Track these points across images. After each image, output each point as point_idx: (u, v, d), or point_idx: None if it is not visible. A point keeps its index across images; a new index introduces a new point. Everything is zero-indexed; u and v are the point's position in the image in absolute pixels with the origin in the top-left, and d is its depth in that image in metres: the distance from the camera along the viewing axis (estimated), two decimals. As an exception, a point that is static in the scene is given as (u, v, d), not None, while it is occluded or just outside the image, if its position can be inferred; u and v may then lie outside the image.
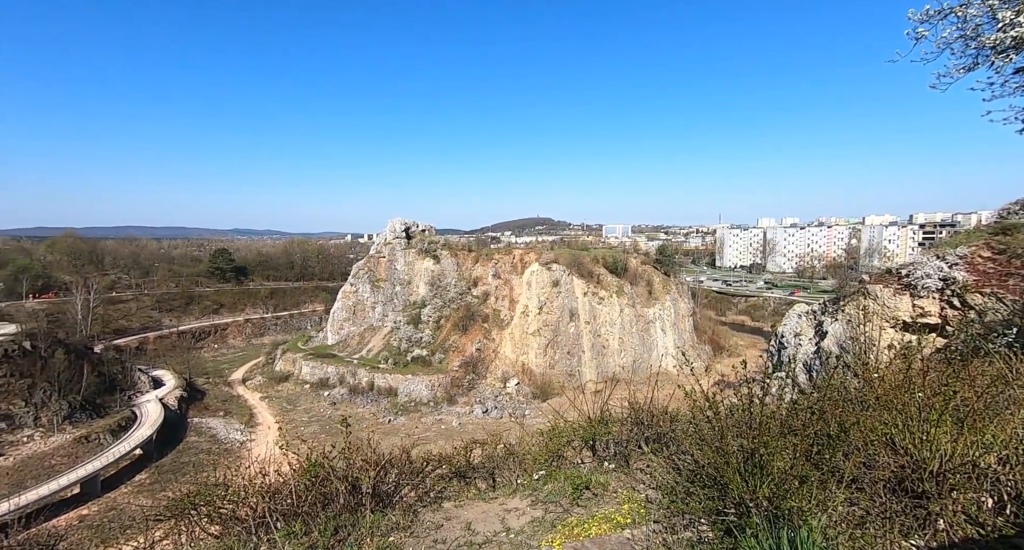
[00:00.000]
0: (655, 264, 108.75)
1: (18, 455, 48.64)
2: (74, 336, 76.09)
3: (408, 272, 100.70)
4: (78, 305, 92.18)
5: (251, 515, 5.76)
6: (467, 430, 63.46)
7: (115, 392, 66.17)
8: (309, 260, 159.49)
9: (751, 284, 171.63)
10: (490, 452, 9.65)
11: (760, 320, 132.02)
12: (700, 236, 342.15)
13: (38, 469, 46.83)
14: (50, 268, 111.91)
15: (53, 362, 58.70)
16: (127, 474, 51.60)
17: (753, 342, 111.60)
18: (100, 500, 46.28)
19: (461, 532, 5.44)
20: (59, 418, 54.91)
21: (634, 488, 5.86)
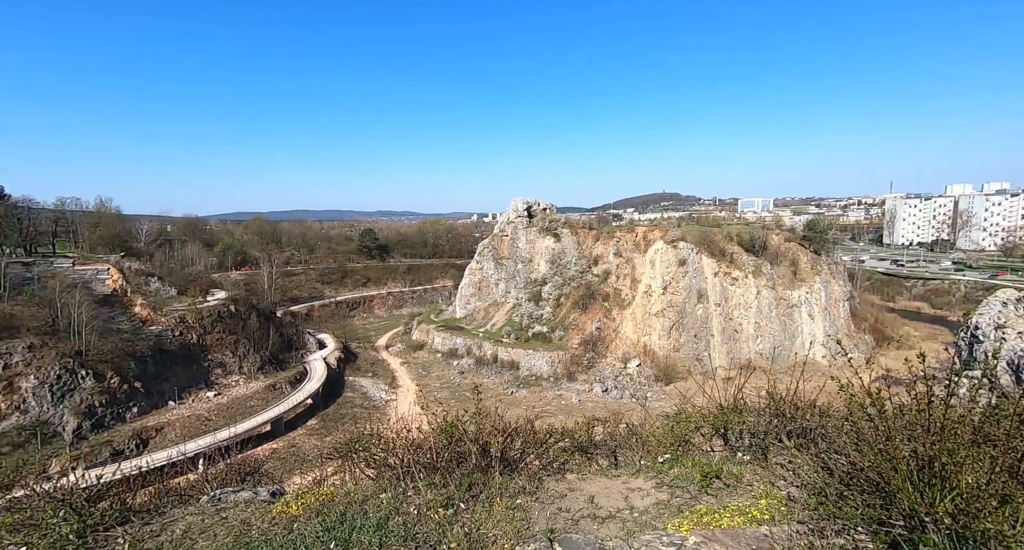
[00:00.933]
0: (802, 241, 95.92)
1: (230, 395, 61.54)
2: (262, 302, 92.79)
3: (529, 250, 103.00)
4: (265, 276, 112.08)
5: (399, 464, 6.58)
6: (586, 407, 63.98)
7: (291, 350, 79.70)
8: (440, 239, 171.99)
9: (932, 264, 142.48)
10: (612, 430, 9.65)
11: (944, 308, 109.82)
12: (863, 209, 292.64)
13: (242, 408, 58.79)
14: (245, 246, 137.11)
15: (249, 323, 72.59)
16: (301, 419, 62.16)
17: (932, 333, 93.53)
18: (284, 438, 56.65)
19: (584, 504, 5.58)
20: (255, 368, 68.05)
21: (773, 483, 5.41)
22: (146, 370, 56.02)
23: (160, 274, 77.31)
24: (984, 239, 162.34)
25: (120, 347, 54.55)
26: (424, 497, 5.57)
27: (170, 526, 5.17)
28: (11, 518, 4.96)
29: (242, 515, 5.34)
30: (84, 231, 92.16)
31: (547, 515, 5.38)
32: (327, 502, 5.49)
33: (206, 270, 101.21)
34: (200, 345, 64.53)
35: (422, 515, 5.25)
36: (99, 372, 51.14)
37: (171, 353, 60.12)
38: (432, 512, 5.29)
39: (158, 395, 56.01)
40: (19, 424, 45.25)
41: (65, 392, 48.45)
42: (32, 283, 58.25)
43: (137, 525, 5.19)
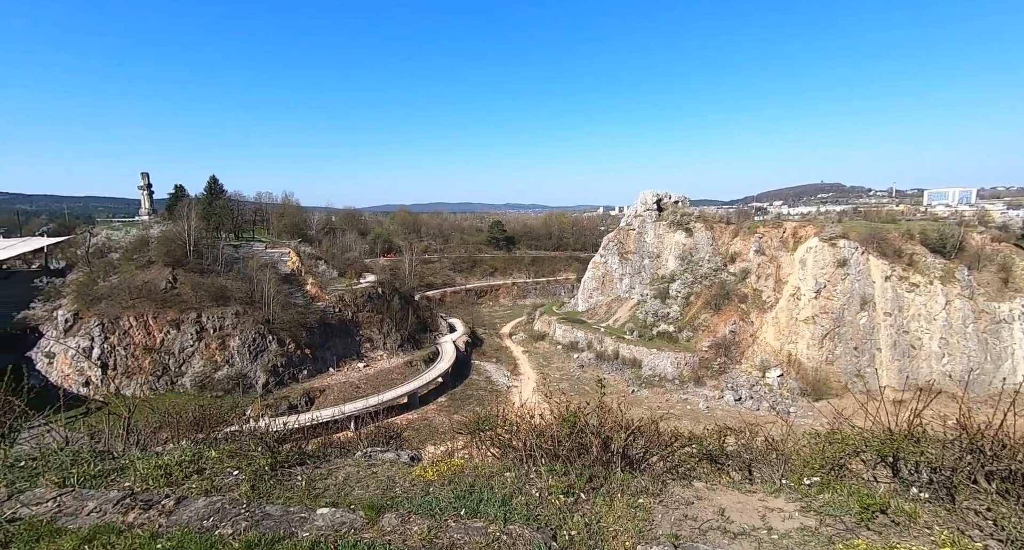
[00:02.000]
0: (1019, 242, 76.24)
1: (375, 367, 69.79)
2: (403, 287, 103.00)
3: (657, 245, 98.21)
4: (406, 263, 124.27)
5: (522, 447, 6.87)
6: (715, 415, 59.34)
7: (426, 331, 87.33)
8: (564, 232, 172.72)
9: None
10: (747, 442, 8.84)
11: None
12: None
13: (385, 380, 66.28)
14: (391, 235, 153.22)
15: (392, 304, 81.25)
16: (433, 395, 67.94)
17: None
18: (417, 411, 62.58)
19: (714, 515, 5.24)
20: (395, 345, 76.08)
21: (963, 531, 4.47)
22: (314, 339, 66.17)
23: (326, 258, 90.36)
24: None
25: (296, 319, 65.22)
26: (546, 482, 5.75)
27: (334, 472, 6.11)
28: (229, 447, 6.36)
29: (388, 472, 6.08)
30: (273, 220, 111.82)
31: (671, 519, 5.17)
32: (458, 473, 5.98)
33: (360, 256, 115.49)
34: (354, 321, 74.14)
35: (543, 499, 5.43)
36: (281, 338, 61.86)
37: (332, 326, 70.09)
38: (553, 497, 5.45)
39: (322, 362, 65.84)
40: (228, 374, 57.00)
41: (258, 352, 59.62)
42: (238, 262, 72.39)
43: (310, 467, 6.24)
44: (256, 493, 5.28)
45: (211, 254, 68.87)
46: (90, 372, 52.96)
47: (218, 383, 55.85)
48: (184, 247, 66.36)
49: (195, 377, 55.58)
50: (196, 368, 56.23)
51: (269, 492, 5.35)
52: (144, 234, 71.98)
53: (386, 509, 5.01)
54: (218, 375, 56.49)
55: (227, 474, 5.67)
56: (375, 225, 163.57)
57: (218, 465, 5.83)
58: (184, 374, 55.69)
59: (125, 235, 75.17)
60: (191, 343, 57.14)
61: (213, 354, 57.43)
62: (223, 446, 6.41)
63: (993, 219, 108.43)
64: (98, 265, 64.80)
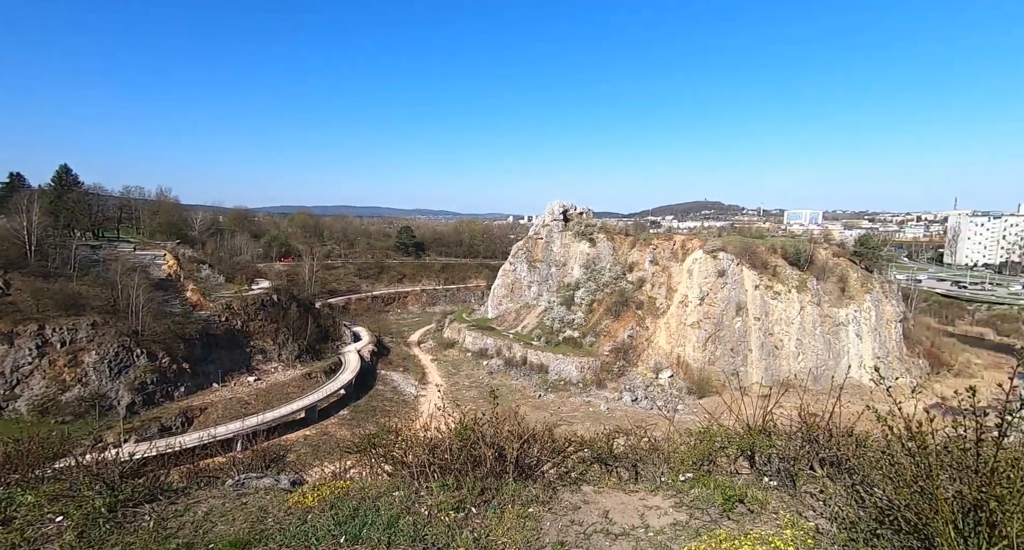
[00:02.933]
0: (852, 257, 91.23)
1: (268, 381, 64.10)
2: (303, 293, 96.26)
3: (564, 254, 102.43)
4: (306, 268, 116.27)
5: (415, 462, 6.62)
6: (614, 416, 62.90)
7: (327, 341, 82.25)
8: (475, 239, 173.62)
9: (1000, 288, 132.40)
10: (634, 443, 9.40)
11: (1012, 335, 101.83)
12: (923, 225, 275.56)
13: (279, 394, 61.11)
14: (289, 238, 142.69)
15: (290, 313, 75.44)
16: (335, 408, 63.98)
17: (996, 361, 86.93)
18: (316, 425, 58.47)
19: (598, 518, 5.44)
20: (292, 357, 70.61)
21: (800, 513, 5.10)
22: (194, 352, 59.10)
23: (211, 262, 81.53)
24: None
25: (172, 329, 57.82)
26: (436, 498, 5.57)
27: (194, 507, 5.38)
28: (52, 488, 5.31)
29: (261, 502, 5.50)
30: (145, 218, 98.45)
31: (559, 527, 5.27)
32: (342, 496, 5.58)
33: (252, 260, 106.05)
34: (243, 331, 67.56)
35: (433, 516, 5.26)
36: (152, 352, 54.37)
37: (217, 337, 63.19)
38: (443, 514, 5.29)
39: (203, 376, 58.96)
40: (80, 396, 48.69)
41: (122, 368, 51.77)
42: (98, 265, 62.56)
43: (164, 503, 5.43)
44: (84, 542, 4.44)
45: (59, 255, 58.81)
46: None
47: (66, 406, 47.50)
48: (22, 247, 55.93)
49: (33, 400, 46.74)
50: (36, 390, 47.35)
51: (103, 539, 4.53)
52: (-34, 229, 59.46)
53: (252, 545, 4.50)
54: (66, 397, 48.07)
55: (46, 522, 4.71)
56: (271, 227, 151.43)
57: (34, 512, 4.82)
58: (18, 397, 46.59)
59: (-61, 230, 61.43)
60: (29, 360, 48.06)
61: (60, 372, 48.80)
62: (45, 487, 5.34)
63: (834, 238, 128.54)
64: None
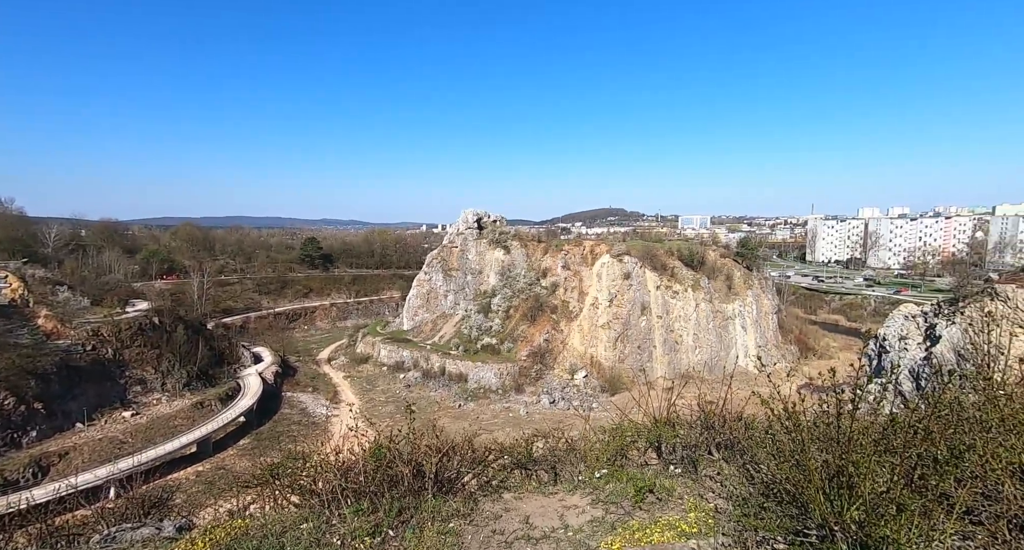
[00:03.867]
0: (736, 257, 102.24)
1: (150, 415, 56.36)
2: (191, 314, 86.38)
3: (479, 262, 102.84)
4: (195, 286, 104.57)
5: (325, 489, 6.17)
6: (534, 419, 64.08)
7: (223, 365, 74.43)
8: (387, 249, 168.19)
9: (848, 281, 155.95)
10: (553, 445, 9.62)
11: (857, 321, 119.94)
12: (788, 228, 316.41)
13: (164, 428, 53.99)
14: (173, 253, 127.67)
15: (175, 336, 67.13)
16: (233, 438, 57.94)
17: (848, 344, 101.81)
18: (212, 459, 52.49)
19: (519, 525, 5.46)
20: (180, 385, 62.82)
21: (702, 496, 5.53)
22: (49, 389, 50.26)
23: (71, 283, 70.24)
24: (889, 258, 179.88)
25: (18, 364, 48.71)
26: (350, 526, 5.23)
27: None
28: None
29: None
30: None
31: (480, 539, 5.21)
32: (240, 537, 5.03)
33: (126, 279, 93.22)
34: (116, 360, 58.90)
35: (346, 545, 4.93)
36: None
37: (81, 369, 54.39)
38: (358, 542, 4.98)
39: (63, 416, 50.33)
40: None
41: (-54, 416, 42.50)
42: (-90, 291, 51.09)
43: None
44: None
45: None
46: None
47: None
48: None
49: None
50: None
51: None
52: None
53: (127, 610, 3.87)
54: None
55: None
56: (149, 241, 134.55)
57: None
58: None
59: None
60: None
61: None
62: None
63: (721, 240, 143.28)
64: None
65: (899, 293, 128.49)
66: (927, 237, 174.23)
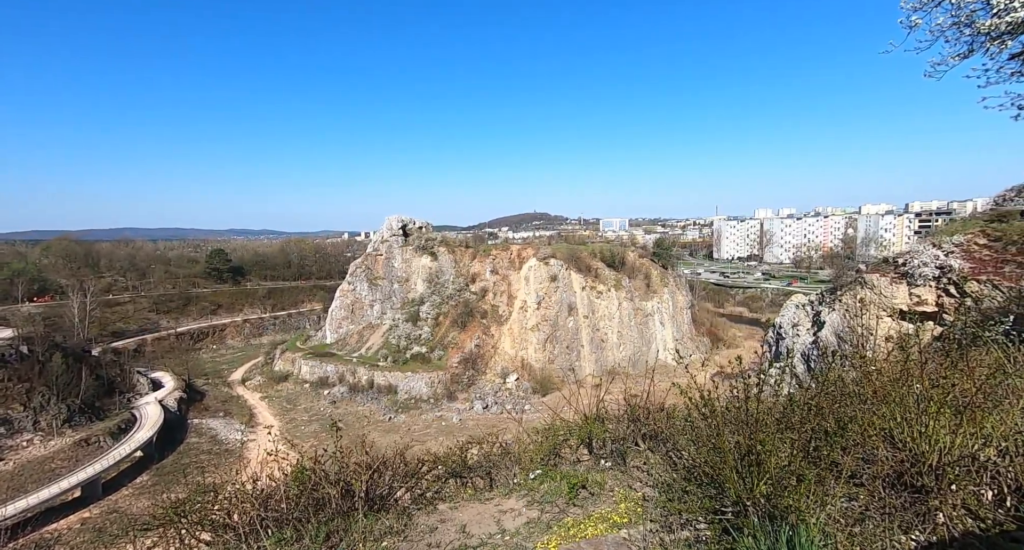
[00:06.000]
0: (653, 257, 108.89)
1: (18, 459, 48.54)
2: (71, 339, 75.69)
3: (406, 269, 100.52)
4: (75, 308, 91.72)
5: (242, 522, 5.66)
6: (467, 426, 63.59)
7: (114, 395, 66.03)
8: (306, 259, 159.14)
9: (749, 276, 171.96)
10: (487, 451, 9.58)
11: (758, 311, 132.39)
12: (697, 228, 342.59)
13: (38, 473, 46.75)
14: (45, 271, 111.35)
15: (51, 366, 58.45)
16: (128, 476, 51.59)
17: (751, 333, 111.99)
18: (102, 503, 46.28)
19: (456, 535, 5.36)
20: (58, 422, 54.77)
21: (631, 487, 5.79)
22: None
23: (-93, 309, 58.72)
24: (782, 254, 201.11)
25: None
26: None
27: None
28: None
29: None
30: None
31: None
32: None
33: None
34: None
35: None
36: None
37: (-77, 413, 45.62)
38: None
39: (-100, 472, 41.87)
40: None
41: None
42: None
43: None
44: None
45: None
46: None
47: None
48: None
49: None
50: None
51: None
52: None
53: None
54: None
55: None
56: (13, 258, 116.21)
57: None
58: None
59: None
60: None
61: None
62: None
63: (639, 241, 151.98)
64: None
65: (791, 285, 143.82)
66: (811, 234, 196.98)
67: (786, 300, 27.97)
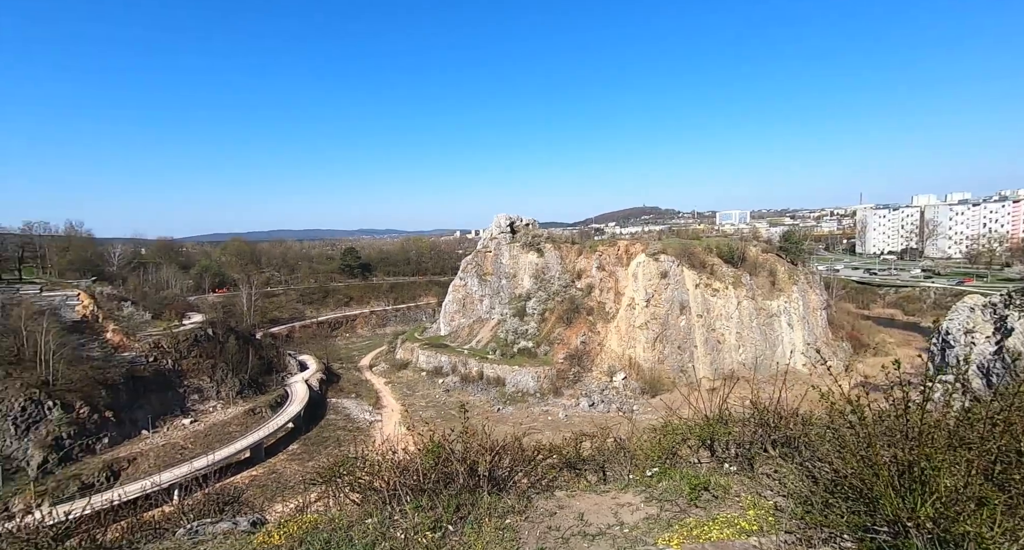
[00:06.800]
0: (779, 252, 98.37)
1: (207, 421, 59.50)
2: (241, 325, 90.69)
3: (513, 266, 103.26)
4: (244, 298, 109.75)
5: (385, 487, 6.42)
6: (573, 422, 63.60)
7: (272, 373, 77.75)
8: (423, 256, 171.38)
9: (903, 273, 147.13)
10: (599, 445, 9.61)
11: (916, 314, 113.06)
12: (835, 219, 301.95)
13: (220, 434, 56.85)
14: (223, 267, 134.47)
15: (228, 346, 70.69)
16: (282, 444, 60.34)
17: (907, 339, 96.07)
18: (264, 464, 54.84)
19: (574, 521, 5.52)
20: (233, 393, 66.07)
21: (759, 494, 5.44)
22: (118, 398, 53.89)
23: (134, 298, 75.13)
24: (950, 247, 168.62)
25: (90, 375, 52.50)
26: (411, 521, 5.44)
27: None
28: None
29: (222, 547, 5.14)
30: (53, 256, 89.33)
31: (537, 534, 5.30)
32: (311, 530, 5.33)
33: (182, 293, 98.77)
34: (176, 370, 62.52)
35: (410, 539, 5.13)
36: (67, 402, 49.00)
37: (145, 380, 58.05)
38: (420, 536, 5.17)
39: (131, 424, 53.84)
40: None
41: (30, 425, 46.24)
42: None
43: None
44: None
45: (-49, 301, 52.14)
46: None
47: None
48: (-97, 294, 49.07)
49: (-77, 470, 40.70)
50: (-75, 457, 41.28)
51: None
52: None
53: (217, 595, 4.19)
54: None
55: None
56: (201, 257, 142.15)
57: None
58: (-97, 469, 40.40)
59: None
60: (-84, 424, 41.90)
61: (-45, 435, 42.86)
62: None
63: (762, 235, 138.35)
64: None
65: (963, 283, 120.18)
66: (992, 223, 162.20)
67: (956, 302, 23.47)
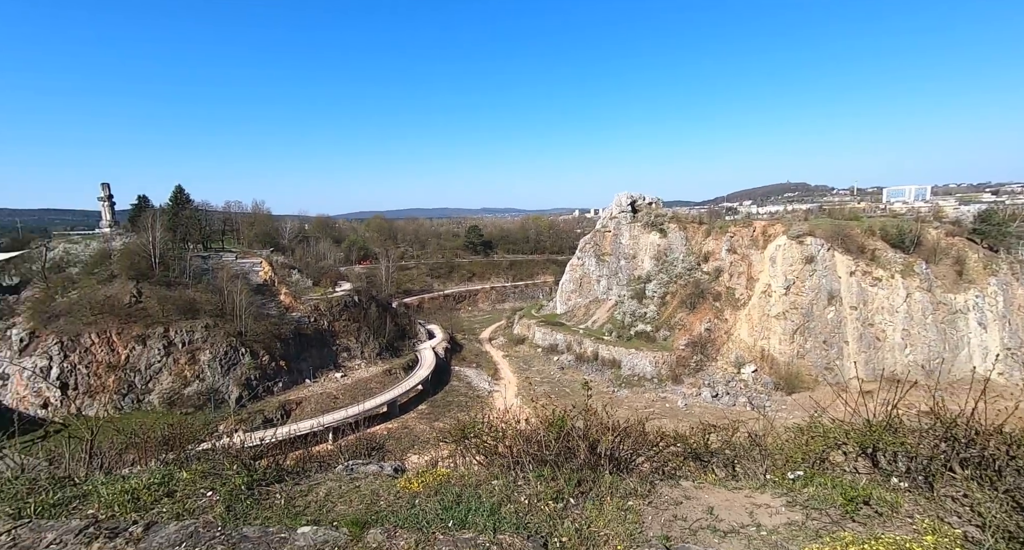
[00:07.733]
0: (971, 235, 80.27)
1: (353, 377, 68.46)
2: (380, 294, 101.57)
3: (633, 246, 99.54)
4: (383, 270, 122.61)
5: (509, 453, 6.75)
6: (694, 412, 60.34)
7: (404, 339, 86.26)
8: (541, 235, 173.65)
9: None
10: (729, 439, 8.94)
11: None
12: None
13: (364, 389, 65.08)
14: (367, 242, 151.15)
15: (370, 312, 79.97)
16: (413, 403, 67.03)
17: None
18: (397, 419, 61.63)
19: (703, 514, 5.24)
20: (374, 354, 74.85)
21: (942, 518, 4.58)
22: (288, 351, 64.51)
23: (299, 267, 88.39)
24: None
25: (269, 330, 63.49)
26: (534, 488, 5.65)
27: (314, 488, 5.88)
28: (201, 467, 6.05)
29: (372, 486, 5.88)
30: (243, 229, 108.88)
31: (661, 521, 5.14)
32: (444, 483, 5.83)
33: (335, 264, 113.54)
34: (330, 331, 72.63)
35: (532, 506, 5.34)
36: (254, 351, 60.06)
37: (307, 337, 68.49)
38: (542, 504, 5.35)
39: (297, 373, 64.21)
40: (198, 390, 55.00)
41: (230, 366, 57.73)
42: (208, 274, 70.07)
43: (289, 484, 5.99)
44: (232, 514, 5.02)
45: (178, 266, 66.60)
46: (48, 393, 50.31)
47: (188, 399, 53.84)
48: (149, 259, 63.93)
49: (163, 394, 53.43)
50: (164, 385, 54.08)
51: (246, 513, 5.09)
52: (105, 247, 69.06)
53: (371, 524, 4.82)
54: (188, 391, 54.45)
55: (200, 496, 5.37)
56: (350, 232, 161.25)
57: (190, 486, 5.52)
58: (151, 391, 53.47)
59: (85, 248, 71.97)
60: (158, 359, 54.94)
61: (182, 369, 55.35)
62: (195, 466, 6.09)
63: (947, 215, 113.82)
64: (56, 280, 61.78)
65: None
66: None
67: None
